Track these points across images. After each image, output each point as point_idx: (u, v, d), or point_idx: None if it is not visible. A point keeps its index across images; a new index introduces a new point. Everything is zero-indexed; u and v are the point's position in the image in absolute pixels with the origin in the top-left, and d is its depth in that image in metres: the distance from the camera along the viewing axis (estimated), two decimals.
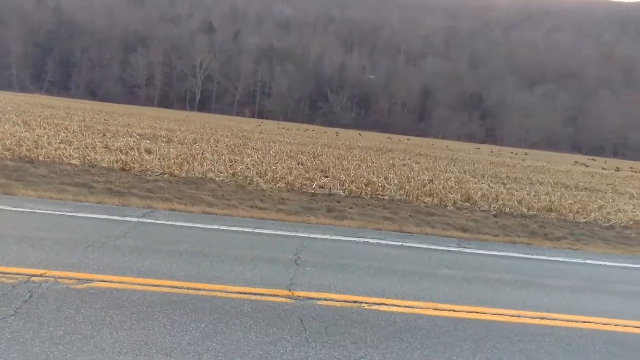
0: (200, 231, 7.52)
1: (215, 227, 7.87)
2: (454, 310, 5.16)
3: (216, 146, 20.96)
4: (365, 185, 13.66)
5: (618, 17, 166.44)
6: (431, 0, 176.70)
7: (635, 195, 20.74)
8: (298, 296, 5.11)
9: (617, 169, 47.05)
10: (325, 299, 5.09)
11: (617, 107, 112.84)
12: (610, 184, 25.19)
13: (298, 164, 17.67)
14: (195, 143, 21.45)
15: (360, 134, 67.14)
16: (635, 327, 5.27)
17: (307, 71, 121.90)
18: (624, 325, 5.26)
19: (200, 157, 15.81)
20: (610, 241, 10.86)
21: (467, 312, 5.16)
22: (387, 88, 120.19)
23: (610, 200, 17.59)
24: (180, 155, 15.60)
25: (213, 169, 13.72)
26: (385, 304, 5.12)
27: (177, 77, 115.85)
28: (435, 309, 5.15)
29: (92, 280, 4.88)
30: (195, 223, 7.98)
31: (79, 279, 4.87)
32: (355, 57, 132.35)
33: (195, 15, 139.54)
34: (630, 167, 54.10)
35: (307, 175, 14.51)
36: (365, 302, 5.11)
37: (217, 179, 12.74)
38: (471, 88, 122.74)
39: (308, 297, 5.10)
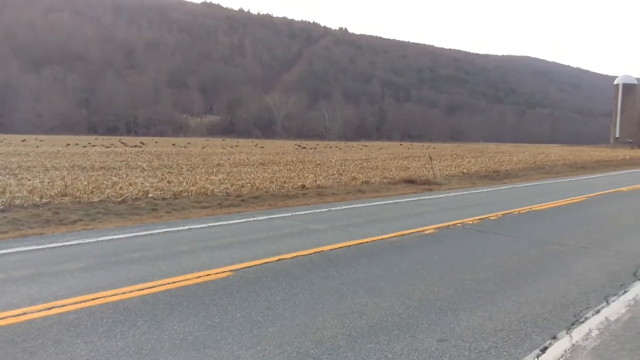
0: None
1: None
2: None
3: None
4: None
5: (111, 1, 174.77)
6: None
7: (145, 168, 22.66)
8: None
9: (142, 144, 50.62)
10: None
11: (124, 87, 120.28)
12: (124, 161, 26.72)
13: None
14: None
15: None
16: (138, 290, 5.75)
17: None
18: (130, 292, 5.66)
19: None
20: (123, 214, 11.54)
21: None
22: None
23: (124, 176, 18.65)
24: None
25: None
26: None
27: None
28: None
29: None
30: None
31: None
32: None
33: None
34: (142, 143, 58.85)
35: None
36: None
37: None
38: None
39: None
